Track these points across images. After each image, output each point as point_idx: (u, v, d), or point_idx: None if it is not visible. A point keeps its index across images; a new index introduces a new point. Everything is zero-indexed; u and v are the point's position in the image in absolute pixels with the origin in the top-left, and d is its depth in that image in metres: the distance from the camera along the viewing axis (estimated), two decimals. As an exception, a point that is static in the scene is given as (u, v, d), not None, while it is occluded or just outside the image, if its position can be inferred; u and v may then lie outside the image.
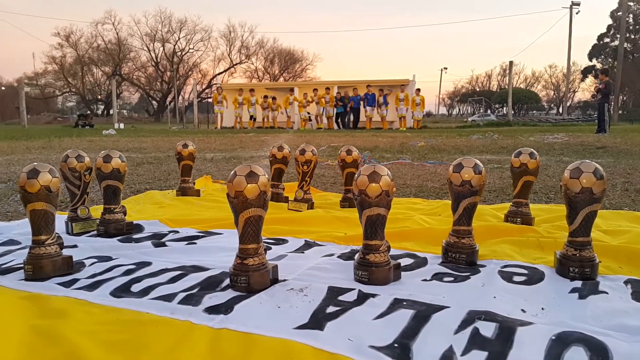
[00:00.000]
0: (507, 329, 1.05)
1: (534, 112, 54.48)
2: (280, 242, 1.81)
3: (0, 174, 4.01)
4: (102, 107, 50.03)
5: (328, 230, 1.96)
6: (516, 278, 1.38)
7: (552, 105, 62.66)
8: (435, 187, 3.22)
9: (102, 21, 45.13)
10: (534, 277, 1.40)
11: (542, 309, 1.18)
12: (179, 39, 45.56)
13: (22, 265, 1.44)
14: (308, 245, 1.76)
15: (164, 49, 45.76)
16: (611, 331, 1.05)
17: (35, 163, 1.46)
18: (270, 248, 1.70)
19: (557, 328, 1.05)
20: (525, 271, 1.44)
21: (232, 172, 1.31)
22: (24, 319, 1.13)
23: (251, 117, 19.19)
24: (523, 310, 1.16)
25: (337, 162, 2.61)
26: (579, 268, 1.37)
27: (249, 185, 1.28)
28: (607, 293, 1.27)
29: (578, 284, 1.34)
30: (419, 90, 18.37)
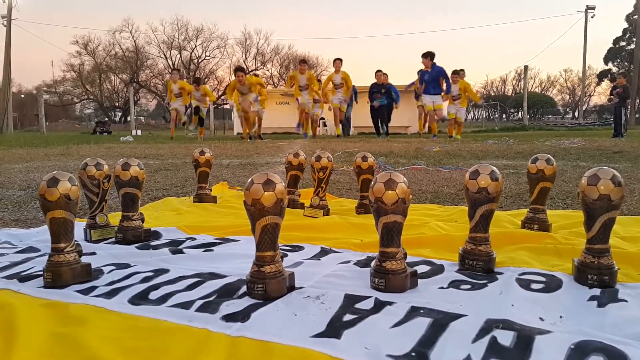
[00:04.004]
0: (525, 338, 1.04)
1: (550, 116, 54.06)
2: (296, 249, 1.82)
3: (20, 181, 4.08)
4: (120, 114, 50.74)
5: (344, 237, 1.96)
6: (534, 286, 1.37)
7: (567, 109, 62.12)
8: (451, 192, 3.21)
9: (119, 29, 45.85)
10: (551, 284, 1.39)
11: (561, 317, 1.17)
12: (195, 46, 46.11)
13: (41, 273, 1.46)
14: (324, 252, 1.76)
15: (180, 57, 46.32)
16: (631, 340, 1.03)
17: (55, 171, 1.49)
18: (286, 255, 1.71)
19: (576, 337, 1.04)
20: (543, 279, 1.43)
21: (249, 180, 1.32)
22: (44, 326, 1.15)
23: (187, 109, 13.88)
24: (541, 319, 1.15)
25: (352, 169, 2.61)
26: (598, 276, 1.36)
27: (265, 193, 1.29)
28: (626, 301, 1.26)
29: (597, 291, 1.32)
30: (462, 71, 12.84)
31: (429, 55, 12.29)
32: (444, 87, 12.58)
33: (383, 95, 13.47)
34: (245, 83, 12.41)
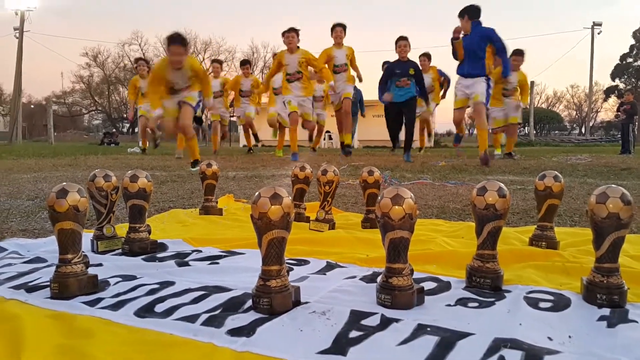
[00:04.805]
0: (533, 358, 1.03)
1: (556, 132, 54.07)
2: (302, 263, 1.81)
3: (28, 191, 4.10)
4: (127, 125, 51.10)
5: (350, 252, 1.95)
6: (542, 304, 1.36)
7: (574, 125, 62.16)
8: (458, 208, 3.20)
9: (129, 42, 46.46)
10: (560, 303, 1.37)
11: (569, 337, 1.15)
12: (203, 59, 46.51)
13: (48, 283, 1.46)
14: (330, 266, 1.76)
15: (188, 69, 46.62)
16: (642, 362, 1.02)
17: (64, 183, 1.49)
18: (292, 269, 1.70)
19: (586, 357, 1.03)
20: (551, 297, 1.41)
21: (257, 194, 1.33)
22: (50, 337, 1.15)
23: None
24: (549, 338, 1.14)
25: (358, 183, 2.61)
26: (607, 295, 1.34)
27: (272, 206, 1.29)
28: (636, 322, 1.24)
29: (606, 311, 1.31)
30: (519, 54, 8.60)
31: (468, 13, 6.69)
32: (492, 63, 7.24)
33: (410, 80, 7.76)
34: (184, 68, 6.44)
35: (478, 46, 6.55)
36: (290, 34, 8.04)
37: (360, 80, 9.14)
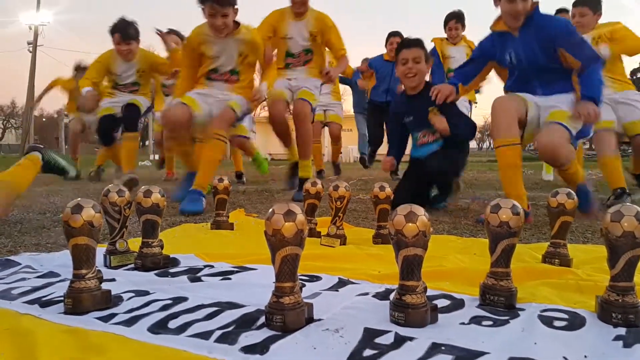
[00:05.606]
0: (549, 378, 1.02)
1: (567, 146, 53.60)
2: (314, 279, 1.81)
3: (40, 204, 4.14)
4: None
5: (362, 268, 1.95)
6: (557, 323, 1.35)
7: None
8: (469, 224, 3.19)
9: (140, 56, 46.72)
10: (575, 322, 1.36)
11: (585, 356, 1.14)
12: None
13: (62, 298, 1.47)
14: (342, 283, 1.76)
15: (198, 83, 46.86)
16: (660, 383, 1.01)
17: (79, 198, 1.51)
18: (304, 285, 1.70)
19: (603, 378, 1.02)
20: (565, 316, 1.40)
21: (270, 210, 1.33)
22: (64, 353, 1.16)
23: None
24: (565, 358, 1.13)
25: (369, 198, 2.61)
26: (622, 314, 1.33)
27: (286, 223, 1.29)
28: (653, 342, 1.23)
29: (622, 331, 1.29)
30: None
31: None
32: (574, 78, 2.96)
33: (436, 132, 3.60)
34: (134, 59, 5.56)
35: (542, 56, 3.06)
36: None
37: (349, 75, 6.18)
